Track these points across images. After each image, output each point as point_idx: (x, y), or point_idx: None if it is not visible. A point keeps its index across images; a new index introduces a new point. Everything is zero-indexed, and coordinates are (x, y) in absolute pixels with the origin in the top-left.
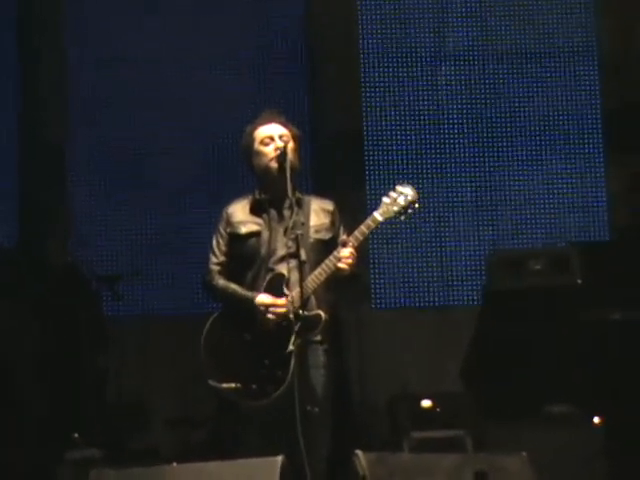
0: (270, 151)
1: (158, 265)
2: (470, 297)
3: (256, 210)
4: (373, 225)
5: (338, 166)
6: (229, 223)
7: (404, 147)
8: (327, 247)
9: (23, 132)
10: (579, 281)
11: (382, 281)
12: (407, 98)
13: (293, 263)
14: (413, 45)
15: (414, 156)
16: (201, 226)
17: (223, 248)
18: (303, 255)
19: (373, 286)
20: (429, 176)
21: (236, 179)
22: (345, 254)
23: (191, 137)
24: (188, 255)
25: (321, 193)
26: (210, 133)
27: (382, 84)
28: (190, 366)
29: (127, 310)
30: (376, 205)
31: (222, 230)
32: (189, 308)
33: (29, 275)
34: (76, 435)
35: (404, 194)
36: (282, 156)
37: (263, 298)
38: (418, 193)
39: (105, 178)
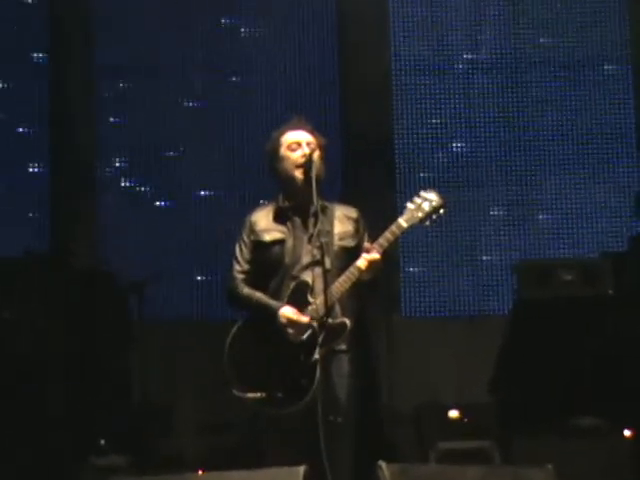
0: (297, 157)
1: (182, 270)
2: (500, 307)
3: (280, 218)
4: (398, 232)
5: (368, 172)
6: (253, 231)
7: (434, 155)
8: (351, 255)
9: (55, 138)
10: (610, 292)
11: (412, 290)
12: (439, 105)
13: (317, 271)
14: (445, 52)
15: (444, 164)
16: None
17: (247, 256)
18: (328, 263)
19: (403, 295)
20: (460, 184)
21: (261, 183)
22: (366, 262)
23: (215, 141)
24: (213, 261)
25: (350, 198)
26: (236, 137)
27: (414, 91)
28: (215, 372)
29: (153, 314)
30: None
31: (245, 238)
32: (214, 313)
33: (57, 279)
34: (102, 441)
35: (428, 200)
36: (308, 164)
37: (287, 312)
38: (443, 198)
39: (132, 183)
